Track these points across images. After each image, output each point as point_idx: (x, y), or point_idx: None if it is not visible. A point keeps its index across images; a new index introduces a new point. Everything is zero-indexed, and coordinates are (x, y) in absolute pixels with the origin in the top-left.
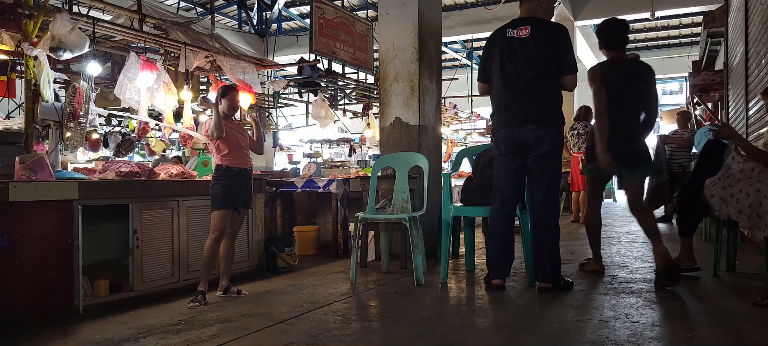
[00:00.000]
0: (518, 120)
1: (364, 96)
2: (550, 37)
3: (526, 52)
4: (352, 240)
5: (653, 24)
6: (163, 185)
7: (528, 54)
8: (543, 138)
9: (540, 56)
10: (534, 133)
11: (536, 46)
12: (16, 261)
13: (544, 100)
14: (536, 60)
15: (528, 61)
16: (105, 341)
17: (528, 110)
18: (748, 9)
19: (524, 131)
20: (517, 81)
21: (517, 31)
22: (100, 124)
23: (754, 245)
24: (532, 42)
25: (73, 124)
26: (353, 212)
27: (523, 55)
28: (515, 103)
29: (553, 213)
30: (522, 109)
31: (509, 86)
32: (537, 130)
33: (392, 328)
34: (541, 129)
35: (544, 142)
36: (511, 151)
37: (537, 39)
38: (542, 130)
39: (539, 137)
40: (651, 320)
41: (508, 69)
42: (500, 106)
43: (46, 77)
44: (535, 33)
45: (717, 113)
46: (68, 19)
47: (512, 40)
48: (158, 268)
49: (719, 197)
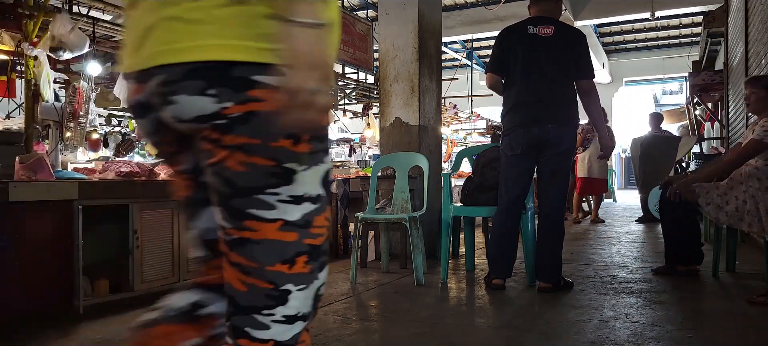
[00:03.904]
0: (540, 119)
1: (364, 96)
2: (574, 40)
3: (550, 52)
4: (352, 240)
5: (653, 24)
6: (164, 185)
7: (552, 53)
8: (563, 137)
9: (563, 57)
10: (555, 131)
11: (560, 47)
12: (15, 261)
13: (566, 101)
14: (560, 60)
15: (552, 61)
16: (105, 342)
17: (551, 109)
18: (748, 9)
19: (546, 130)
20: (540, 79)
21: (539, 29)
22: (100, 124)
23: (754, 245)
24: (556, 42)
25: (73, 124)
26: (353, 212)
27: (547, 54)
28: (537, 102)
29: (561, 214)
30: (544, 108)
31: (531, 84)
32: (558, 129)
33: (392, 328)
34: (562, 128)
35: (563, 141)
36: (526, 152)
37: (561, 40)
38: (563, 129)
39: (559, 136)
40: (651, 320)
41: (531, 66)
42: (518, 104)
43: (46, 77)
44: (558, 34)
45: (717, 113)
46: (68, 19)
47: (535, 38)
48: (158, 268)
49: (715, 205)
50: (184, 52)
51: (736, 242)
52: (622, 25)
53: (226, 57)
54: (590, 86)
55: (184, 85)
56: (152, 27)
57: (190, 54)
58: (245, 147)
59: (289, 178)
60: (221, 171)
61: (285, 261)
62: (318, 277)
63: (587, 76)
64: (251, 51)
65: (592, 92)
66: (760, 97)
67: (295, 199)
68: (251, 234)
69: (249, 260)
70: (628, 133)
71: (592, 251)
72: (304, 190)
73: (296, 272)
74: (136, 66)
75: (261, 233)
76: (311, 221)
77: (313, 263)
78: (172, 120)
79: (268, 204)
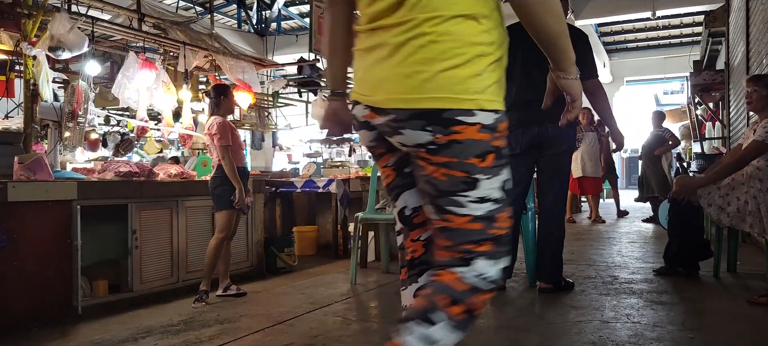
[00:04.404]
0: (539, 118)
1: None
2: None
3: None
4: (352, 240)
5: (654, 23)
6: (163, 185)
7: None
8: (562, 137)
9: None
10: (555, 131)
11: None
12: (14, 261)
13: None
14: None
15: None
16: (104, 342)
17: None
18: (749, 8)
19: (545, 129)
20: (540, 78)
21: None
22: (99, 124)
23: (756, 246)
24: None
25: (71, 124)
26: (353, 212)
27: None
28: (538, 101)
29: (561, 213)
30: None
31: (532, 83)
32: (558, 128)
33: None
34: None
35: (563, 141)
36: (526, 151)
37: None
38: (563, 129)
39: (559, 136)
40: (652, 320)
41: (531, 65)
42: (518, 102)
43: (45, 77)
44: None
45: (718, 113)
46: (67, 19)
47: None
48: (157, 268)
49: (717, 206)
50: (411, 102)
51: (737, 242)
52: (623, 25)
53: (440, 106)
54: (595, 86)
55: (410, 123)
56: (386, 79)
57: (416, 104)
58: (447, 164)
59: (476, 185)
60: (430, 180)
61: (472, 242)
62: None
63: (590, 76)
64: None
65: (598, 92)
66: (761, 95)
67: (480, 199)
68: (449, 224)
69: (447, 240)
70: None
71: (593, 251)
72: (486, 194)
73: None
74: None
75: (455, 223)
76: (493, 216)
77: (496, 247)
78: (397, 143)
79: (460, 203)
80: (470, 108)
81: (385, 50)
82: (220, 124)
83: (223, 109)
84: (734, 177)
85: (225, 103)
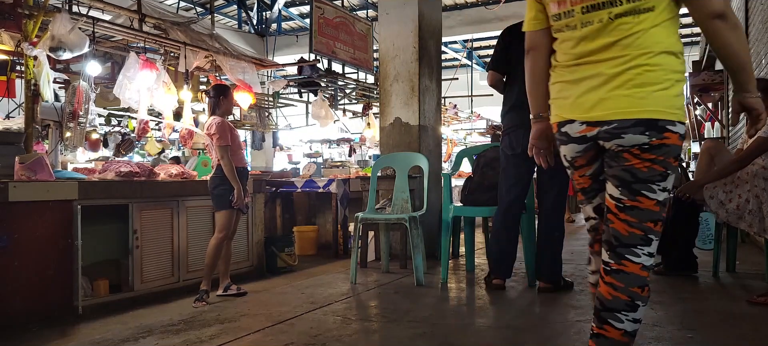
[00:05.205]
0: None
1: (364, 96)
2: None
3: None
4: (352, 240)
5: None
6: (163, 185)
7: None
8: None
9: None
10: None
11: None
12: (15, 261)
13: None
14: None
15: None
16: (104, 342)
17: None
18: (748, 9)
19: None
20: None
21: None
22: (99, 124)
23: (755, 245)
24: None
25: (72, 124)
26: (353, 212)
27: None
28: None
29: (561, 213)
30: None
31: None
32: None
33: (392, 328)
34: None
35: None
36: (527, 151)
37: None
38: None
39: None
40: (651, 320)
41: None
42: (519, 103)
43: (46, 77)
44: None
45: (717, 113)
46: (68, 19)
47: None
48: (158, 268)
49: (718, 200)
50: (634, 113)
51: (736, 242)
52: None
53: (657, 116)
54: None
55: (632, 129)
56: (606, 99)
57: (639, 115)
58: (653, 160)
59: (666, 178)
60: (631, 169)
61: (652, 221)
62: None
63: None
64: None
65: None
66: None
67: (665, 189)
68: (639, 204)
69: (633, 218)
70: None
71: None
72: (668, 185)
73: (656, 229)
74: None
75: (644, 204)
76: (665, 204)
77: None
78: (613, 145)
79: (652, 189)
80: (676, 119)
81: (600, 79)
82: (219, 124)
83: (223, 109)
84: (739, 174)
85: (224, 104)
